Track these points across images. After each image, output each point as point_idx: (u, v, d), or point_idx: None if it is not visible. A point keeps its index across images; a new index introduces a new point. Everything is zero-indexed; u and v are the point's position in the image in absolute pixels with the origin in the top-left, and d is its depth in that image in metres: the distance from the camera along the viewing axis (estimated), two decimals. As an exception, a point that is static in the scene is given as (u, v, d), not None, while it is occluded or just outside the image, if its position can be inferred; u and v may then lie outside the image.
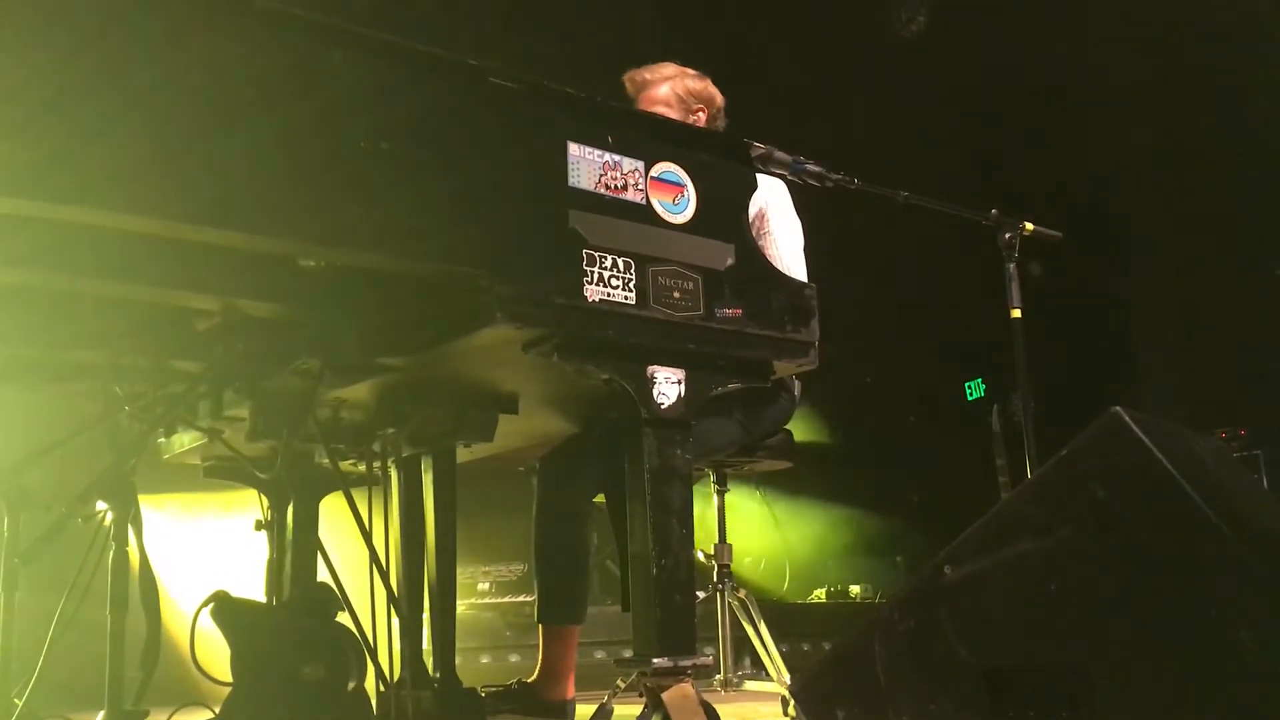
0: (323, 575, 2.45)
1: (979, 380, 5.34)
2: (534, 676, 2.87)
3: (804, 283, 2.32)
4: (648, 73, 3.22)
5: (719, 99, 3.25)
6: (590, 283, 1.96)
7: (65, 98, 1.56)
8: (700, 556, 3.98)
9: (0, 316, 2.00)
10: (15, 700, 2.27)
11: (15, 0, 1.55)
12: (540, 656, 2.88)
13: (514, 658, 4.98)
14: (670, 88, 3.19)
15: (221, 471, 2.68)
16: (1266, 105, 5.65)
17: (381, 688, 2.30)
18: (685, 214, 2.13)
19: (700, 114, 3.20)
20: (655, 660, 1.99)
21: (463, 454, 2.50)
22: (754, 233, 2.56)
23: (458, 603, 2.54)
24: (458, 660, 2.45)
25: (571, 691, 2.90)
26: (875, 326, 6.68)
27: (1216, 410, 5.93)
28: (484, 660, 5.00)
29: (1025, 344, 2.98)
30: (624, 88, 3.23)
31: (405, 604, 2.42)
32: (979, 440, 5.19)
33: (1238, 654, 1.52)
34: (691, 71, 3.25)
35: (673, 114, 3.12)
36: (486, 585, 5.47)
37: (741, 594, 3.43)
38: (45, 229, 1.68)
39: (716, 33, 5.97)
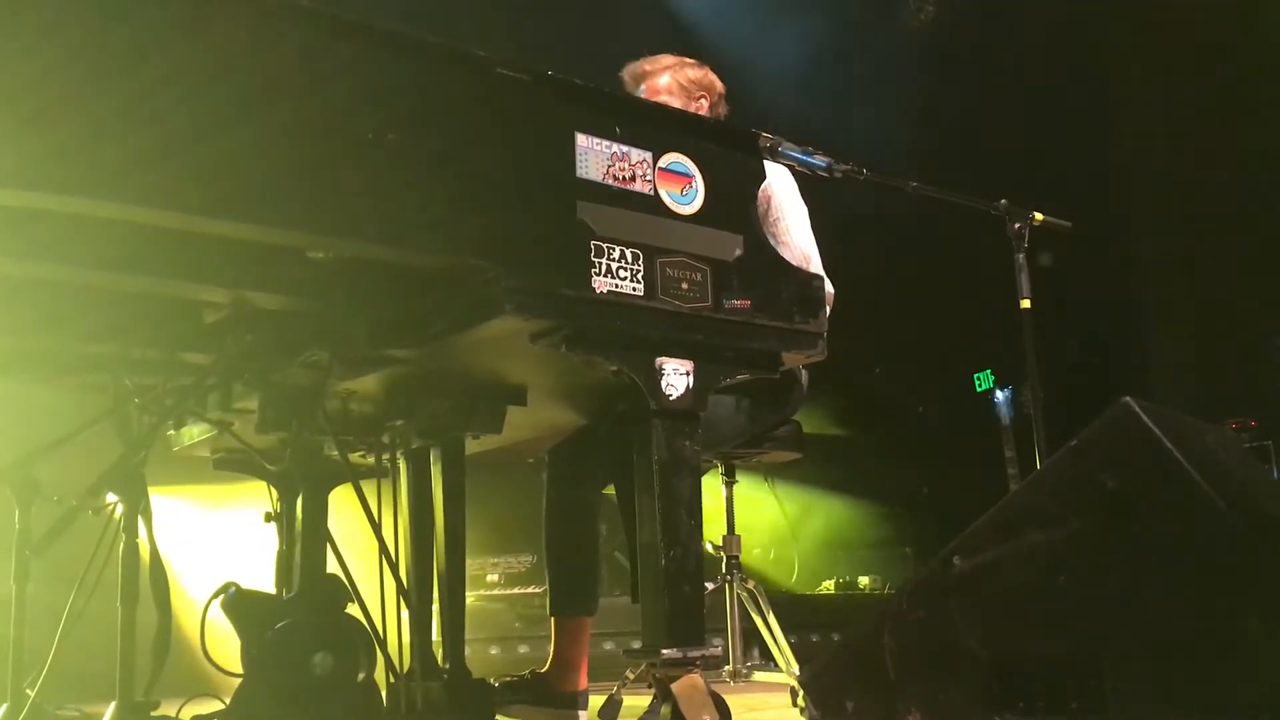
0: (332, 567, 2.46)
1: (988, 371, 5.32)
2: (546, 668, 2.88)
3: (812, 274, 2.31)
4: (647, 64, 3.21)
5: (719, 86, 3.24)
6: (598, 274, 1.96)
7: (74, 91, 1.56)
8: (709, 548, 3.98)
9: (10, 309, 2.00)
10: (27, 691, 2.28)
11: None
12: (552, 648, 2.89)
13: (523, 649, 4.99)
14: (671, 76, 3.17)
15: (231, 463, 2.69)
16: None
17: (391, 679, 2.30)
18: (693, 205, 2.13)
19: (702, 101, 3.18)
20: (664, 651, 1.99)
21: (471, 445, 2.50)
22: (763, 218, 2.54)
23: (467, 594, 2.54)
24: (467, 652, 2.45)
25: (584, 682, 2.90)
26: (884, 317, 6.66)
27: (1227, 400, 5.91)
28: (493, 651, 5.00)
29: (1035, 334, 2.97)
30: (622, 82, 3.22)
31: (415, 595, 2.42)
32: (988, 431, 5.18)
33: (1248, 644, 1.51)
34: (690, 60, 3.24)
35: (675, 103, 3.11)
36: (495, 577, 5.48)
37: (750, 585, 3.43)
38: (55, 222, 1.69)
39: (721, 24, 5.96)
